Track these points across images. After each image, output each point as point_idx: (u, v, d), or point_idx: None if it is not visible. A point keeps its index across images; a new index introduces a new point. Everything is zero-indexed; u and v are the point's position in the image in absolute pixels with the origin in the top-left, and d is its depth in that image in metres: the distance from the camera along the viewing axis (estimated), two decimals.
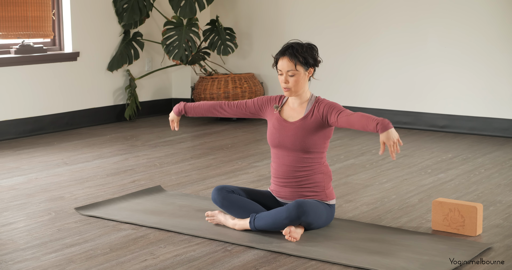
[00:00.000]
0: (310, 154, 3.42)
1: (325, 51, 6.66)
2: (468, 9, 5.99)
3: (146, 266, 2.99)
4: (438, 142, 5.72)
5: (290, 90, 3.40)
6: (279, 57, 3.41)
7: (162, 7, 7.01)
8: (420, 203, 3.95)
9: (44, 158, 5.14)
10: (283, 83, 3.40)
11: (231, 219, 3.46)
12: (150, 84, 7.08)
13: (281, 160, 3.47)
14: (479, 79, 6.01)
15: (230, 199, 3.46)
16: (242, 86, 6.66)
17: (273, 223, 3.31)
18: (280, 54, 3.41)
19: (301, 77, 3.38)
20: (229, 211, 3.47)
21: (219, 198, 3.47)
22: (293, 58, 3.37)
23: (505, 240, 3.31)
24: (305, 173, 3.42)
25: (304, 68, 3.38)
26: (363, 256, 3.07)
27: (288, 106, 3.50)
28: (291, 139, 3.42)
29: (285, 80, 3.39)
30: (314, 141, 3.41)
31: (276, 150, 3.49)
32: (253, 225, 3.36)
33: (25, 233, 3.44)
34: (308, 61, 3.38)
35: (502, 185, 4.35)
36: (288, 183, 3.45)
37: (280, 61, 3.41)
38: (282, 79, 3.40)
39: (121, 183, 4.43)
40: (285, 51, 3.39)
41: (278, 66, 3.41)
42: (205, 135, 6.10)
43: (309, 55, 3.38)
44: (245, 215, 3.43)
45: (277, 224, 3.30)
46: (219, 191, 3.49)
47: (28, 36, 6.01)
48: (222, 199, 3.46)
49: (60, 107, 6.27)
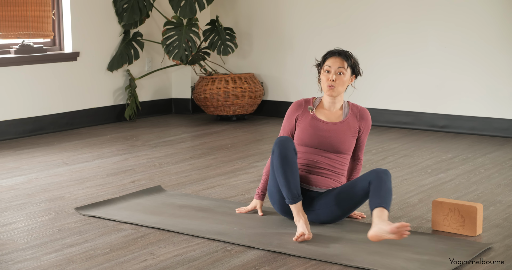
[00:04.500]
0: (341, 155, 3.52)
1: (325, 50, 6.64)
2: (468, 10, 5.99)
3: (146, 266, 2.99)
4: (438, 142, 5.72)
5: (334, 88, 3.47)
6: (329, 56, 3.50)
7: (162, 7, 7.01)
8: (420, 203, 3.95)
9: (44, 158, 5.14)
10: (328, 81, 3.46)
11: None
12: (150, 84, 7.08)
13: (312, 163, 3.50)
14: (479, 79, 6.01)
15: (293, 165, 3.36)
16: (242, 86, 6.66)
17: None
18: (332, 54, 3.51)
19: (346, 78, 3.49)
20: (277, 175, 3.35)
21: (289, 151, 3.34)
22: (345, 59, 3.49)
23: (505, 240, 3.31)
24: (334, 175, 3.53)
25: (351, 72, 3.51)
26: (363, 256, 3.07)
27: (323, 109, 3.57)
28: (330, 138, 3.49)
29: (332, 77, 3.46)
30: (350, 143, 3.52)
31: (315, 151, 3.51)
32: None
33: (25, 233, 3.44)
34: (355, 67, 3.52)
35: (502, 185, 4.35)
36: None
37: (331, 59, 3.49)
38: (328, 77, 3.47)
39: (121, 183, 4.43)
40: (338, 52, 3.51)
41: (327, 63, 3.49)
42: (205, 135, 6.10)
43: (357, 63, 3.54)
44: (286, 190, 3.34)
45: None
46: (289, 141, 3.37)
47: (28, 36, 6.01)
48: (289, 158, 3.33)
49: (60, 107, 6.27)
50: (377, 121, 6.50)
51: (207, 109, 6.79)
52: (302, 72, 6.81)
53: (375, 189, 3.22)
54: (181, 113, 7.30)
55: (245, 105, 6.72)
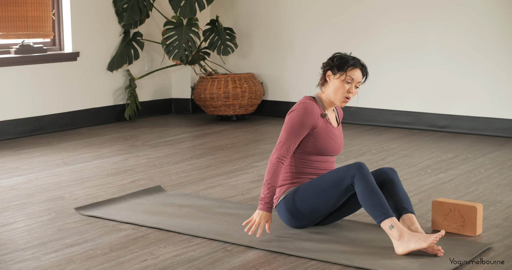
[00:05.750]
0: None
1: (325, 50, 6.66)
2: (468, 10, 5.99)
3: (146, 266, 2.99)
4: (438, 142, 5.72)
5: (348, 101, 3.38)
6: (353, 67, 3.35)
7: (162, 7, 7.01)
8: (420, 203, 3.95)
9: (44, 158, 5.14)
10: (347, 93, 3.34)
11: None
12: (150, 84, 7.08)
13: (328, 164, 3.42)
14: (479, 79, 6.01)
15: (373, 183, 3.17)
16: (242, 86, 6.66)
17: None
18: (356, 65, 3.36)
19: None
20: (368, 194, 3.12)
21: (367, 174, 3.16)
22: (365, 73, 3.40)
23: (505, 240, 3.31)
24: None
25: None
26: (363, 256, 3.07)
27: (327, 111, 3.45)
28: (341, 144, 3.46)
29: (351, 90, 3.35)
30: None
31: (325, 158, 3.41)
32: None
33: (25, 233, 3.44)
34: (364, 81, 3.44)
35: (502, 185, 4.35)
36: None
37: (355, 71, 3.35)
38: (348, 88, 3.34)
39: (121, 183, 4.43)
40: (362, 65, 3.38)
41: (350, 74, 3.33)
42: (205, 135, 6.10)
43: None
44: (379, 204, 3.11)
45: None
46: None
47: (28, 36, 6.01)
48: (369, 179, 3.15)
49: (60, 107, 6.27)
50: (377, 121, 6.50)
51: (207, 109, 6.79)
52: (302, 72, 6.81)
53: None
54: (181, 113, 7.30)
55: (245, 105, 6.72)
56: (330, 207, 3.29)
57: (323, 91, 3.44)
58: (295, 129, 3.31)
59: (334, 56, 3.42)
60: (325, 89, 3.42)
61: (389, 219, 3.06)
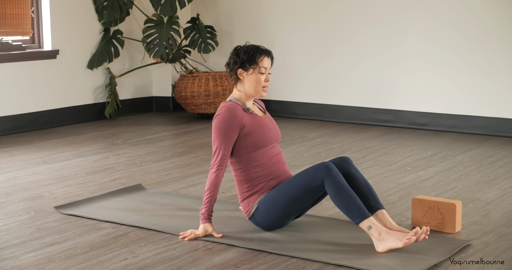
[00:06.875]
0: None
1: (305, 48, 6.68)
2: (447, 8, 6.03)
3: (126, 265, 2.98)
4: (418, 140, 5.76)
5: (267, 90, 3.39)
6: (263, 55, 3.32)
7: (143, 5, 6.98)
8: (400, 200, 3.97)
9: (24, 157, 5.10)
10: (265, 82, 3.34)
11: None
12: (130, 82, 7.06)
13: (277, 157, 3.39)
14: (459, 77, 6.05)
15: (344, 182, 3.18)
16: (223, 84, 6.65)
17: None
18: (265, 53, 3.33)
19: None
20: (342, 194, 3.11)
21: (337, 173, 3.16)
22: (272, 60, 3.38)
23: (483, 237, 3.33)
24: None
25: None
26: (344, 254, 3.08)
27: (249, 106, 3.41)
28: (277, 130, 3.44)
29: (268, 78, 3.35)
30: None
31: (268, 148, 3.36)
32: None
33: (3, 232, 3.41)
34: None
35: (481, 182, 4.38)
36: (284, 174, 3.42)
37: (265, 60, 3.33)
38: (264, 78, 3.33)
39: (101, 181, 4.41)
40: (268, 51, 3.35)
41: (261, 64, 3.31)
42: (186, 133, 6.09)
43: None
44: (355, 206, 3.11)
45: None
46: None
47: (6, 33, 5.96)
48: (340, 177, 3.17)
49: (40, 105, 6.22)
50: (357, 119, 6.52)
51: (188, 107, 6.77)
52: (283, 70, 6.82)
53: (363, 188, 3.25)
54: (162, 111, 7.28)
55: None
56: (305, 209, 3.34)
57: (239, 89, 3.37)
58: (224, 133, 3.27)
59: (237, 51, 3.35)
60: (241, 87, 3.36)
61: (366, 219, 3.08)
